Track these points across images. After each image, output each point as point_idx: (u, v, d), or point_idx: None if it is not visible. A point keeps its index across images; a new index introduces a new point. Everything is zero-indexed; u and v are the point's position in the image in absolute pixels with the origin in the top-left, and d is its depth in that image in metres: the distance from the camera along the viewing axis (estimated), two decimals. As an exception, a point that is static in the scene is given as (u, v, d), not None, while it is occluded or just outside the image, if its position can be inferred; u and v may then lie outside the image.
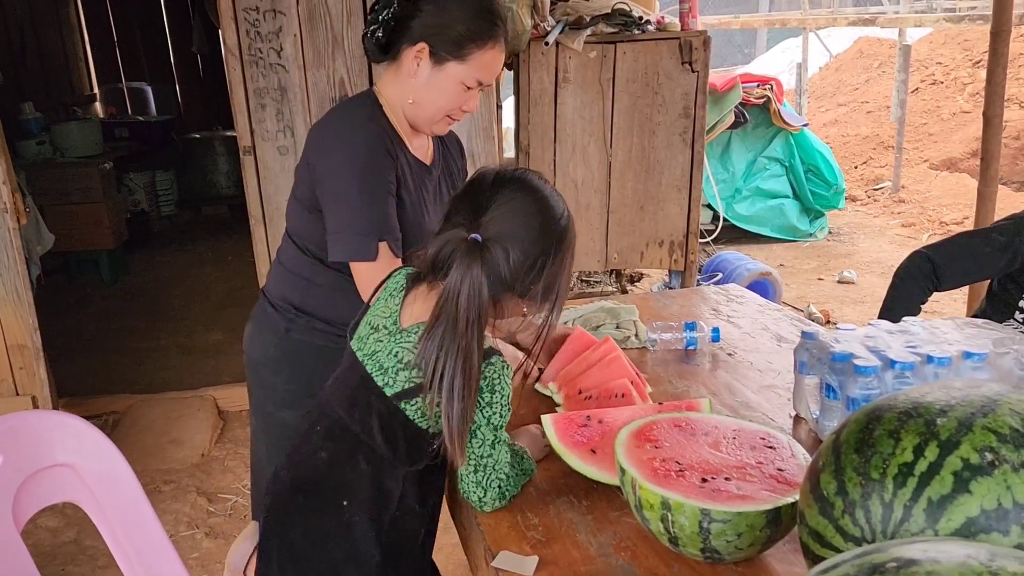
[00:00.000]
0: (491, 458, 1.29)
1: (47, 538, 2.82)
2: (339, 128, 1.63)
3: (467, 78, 1.61)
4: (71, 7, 7.46)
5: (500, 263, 1.25)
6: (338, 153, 1.59)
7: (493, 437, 1.29)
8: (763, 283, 4.64)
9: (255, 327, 1.81)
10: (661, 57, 3.57)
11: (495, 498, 1.31)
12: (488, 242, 1.25)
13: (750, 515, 1.09)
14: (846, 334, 1.53)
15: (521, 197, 1.29)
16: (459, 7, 1.58)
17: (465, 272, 1.22)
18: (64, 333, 4.55)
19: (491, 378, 1.27)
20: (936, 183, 7.51)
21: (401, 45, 1.61)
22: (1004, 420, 0.86)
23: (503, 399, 1.28)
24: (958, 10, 9.37)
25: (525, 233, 1.27)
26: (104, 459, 1.61)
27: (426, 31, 1.58)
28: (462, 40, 1.58)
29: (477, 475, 1.30)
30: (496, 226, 1.26)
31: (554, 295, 1.33)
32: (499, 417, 1.28)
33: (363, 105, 1.67)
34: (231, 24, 3.12)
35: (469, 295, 1.22)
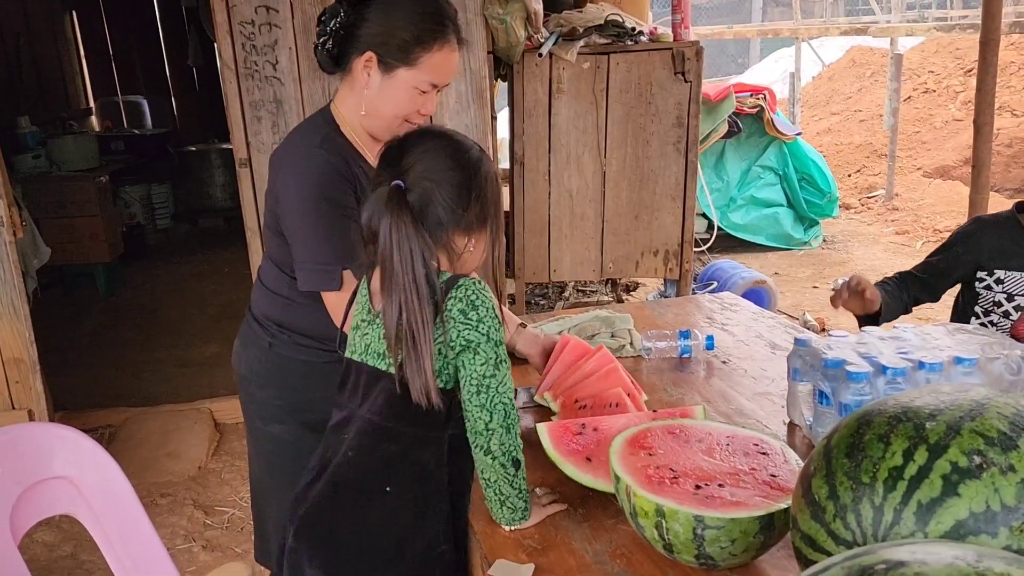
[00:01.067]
0: (494, 378, 1.26)
1: (43, 553, 2.81)
2: (293, 160, 1.61)
3: (419, 82, 1.59)
4: (67, 21, 7.49)
5: (428, 200, 1.29)
6: (294, 187, 1.58)
7: (495, 355, 1.26)
8: (758, 291, 4.66)
9: (241, 343, 1.82)
10: (654, 67, 3.60)
11: (500, 423, 1.26)
12: (411, 184, 1.28)
13: (744, 521, 1.10)
14: (839, 341, 1.54)
15: (430, 140, 1.34)
16: (403, 12, 1.56)
17: (392, 219, 1.24)
18: (60, 346, 4.54)
19: (467, 297, 1.27)
20: (929, 191, 7.54)
21: (351, 56, 1.59)
22: (992, 423, 0.88)
23: (490, 312, 1.27)
24: (949, 19, 9.45)
25: (443, 165, 1.30)
26: (102, 471, 1.62)
27: (372, 40, 1.56)
28: (408, 45, 1.56)
29: (480, 397, 1.26)
30: (416, 170, 1.30)
31: (491, 218, 1.35)
32: (495, 332, 1.27)
33: (316, 129, 1.64)
34: (227, 37, 3.14)
35: (400, 240, 1.24)
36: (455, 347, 1.27)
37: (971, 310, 2.04)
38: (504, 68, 3.68)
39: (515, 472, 1.28)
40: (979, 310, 2.02)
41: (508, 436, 1.27)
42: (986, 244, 2.03)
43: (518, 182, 3.74)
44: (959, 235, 2.11)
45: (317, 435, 1.68)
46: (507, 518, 1.30)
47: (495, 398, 1.26)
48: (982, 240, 2.05)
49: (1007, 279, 1.96)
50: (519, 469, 1.28)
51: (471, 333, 1.26)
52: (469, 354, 1.27)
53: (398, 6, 1.57)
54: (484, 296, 1.28)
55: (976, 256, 2.03)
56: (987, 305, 2.00)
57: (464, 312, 1.26)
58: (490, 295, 1.29)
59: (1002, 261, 1.98)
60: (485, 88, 3.35)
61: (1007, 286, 1.97)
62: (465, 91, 3.33)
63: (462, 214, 1.30)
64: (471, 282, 1.28)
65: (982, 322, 2.01)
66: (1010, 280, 1.96)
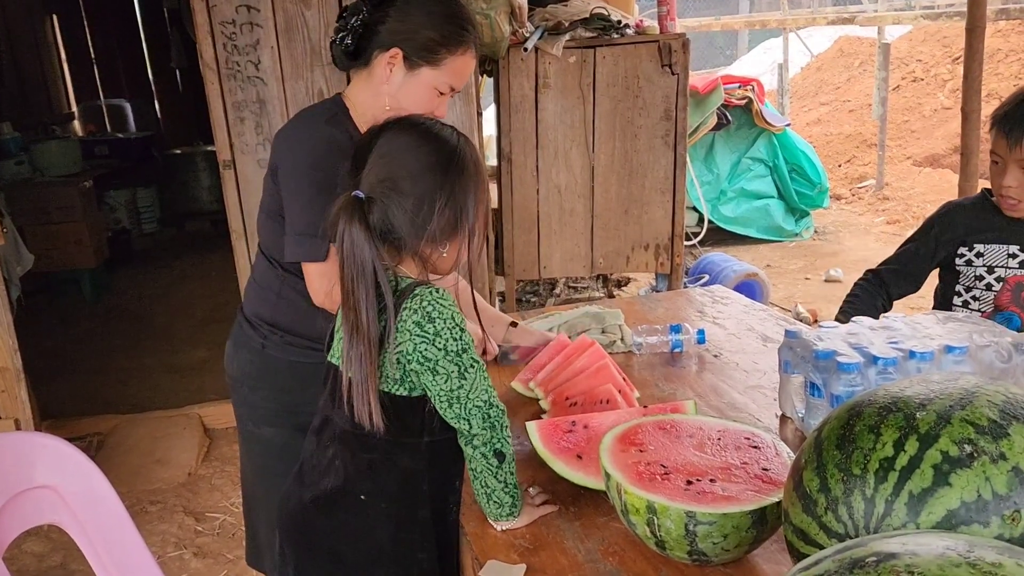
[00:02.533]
0: (462, 389, 1.22)
1: (32, 563, 2.78)
2: (298, 131, 1.64)
3: (440, 84, 1.62)
4: (47, 25, 7.43)
5: (388, 212, 1.23)
6: (295, 155, 1.60)
7: (456, 368, 1.22)
8: (750, 284, 4.65)
9: (233, 345, 1.80)
10: (641, 60, 3.58)
11: (481, 426, 1.23)
12: (370, 194, 1.23)
13: (735, 516, 1.08)
14: (829, 332, 1.53)
15: (400, 137, 1.27)
16: (428, 13, 1.59)
17: (345, 231, 1.21)
18: (46, 354, 4.51)
19: (422, 308, 1.21)
20: (920, 179, 7.56)
21: (372, 51, 1.61)
22: (982, 412, 0.86)
23: (448, 323, 1.21)
24: (936, 7, 9.46)
25: (408, 171, 1.24)
26: (86, 480, 1.59)
27: (397, 36, 1.58)
28: (435, 46, 1.59)
29: (454, 408, 1.23)
30: (376, 175, 1.24)
31: (465, 225, 1.28)
32: (455, 343, 1.22)
33: (324, 110, 1.67)
34: (207, 38, 3.10)
35: (349, 253, 1.20)
36: (412, 361, 1.23)
37: (951, 291, 2.04)
38: (490, 64, 3.66)
39: (499, 464, 1.25)
40: (960, 288, 2.02)
41: (493, 432, 1.25)
42: (961, 222, 2.03)
43: (506, 179, 3.72)
44: (933, 219, 2.11)
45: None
46: (494, 513, 1.28)
47: (468, 405, 1.23)
48: (956, 218, 2.05)
49: (987, 252, 1.98)
50: (503, 462, 1.25)
51: (428, 349, 1.21)
52: (429, 374, 1.23)
53: (425, 6, 1.60)
54: (441, 306, 1.22)
55: (954, 233, 2.03)
56: (968, 282, 2.00)
57: (420, 324, 1.21)
58: (449, 303, 1.23)
59: (979, 235, 1.99)
60: (471, 84, 3.33)
61: (987, 259, 1.98)
62: (450, 88, 3.31)
63: (425, 226, 1.24)
64: (428, 291, 1.23)
65: (964, 299, 2.00)
66: (989, 253, 1.97)
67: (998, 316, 1.89)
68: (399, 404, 1.27)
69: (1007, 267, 1.95)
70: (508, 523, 1.28)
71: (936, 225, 2.07)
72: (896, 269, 2.11)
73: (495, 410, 1.25)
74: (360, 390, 1.22)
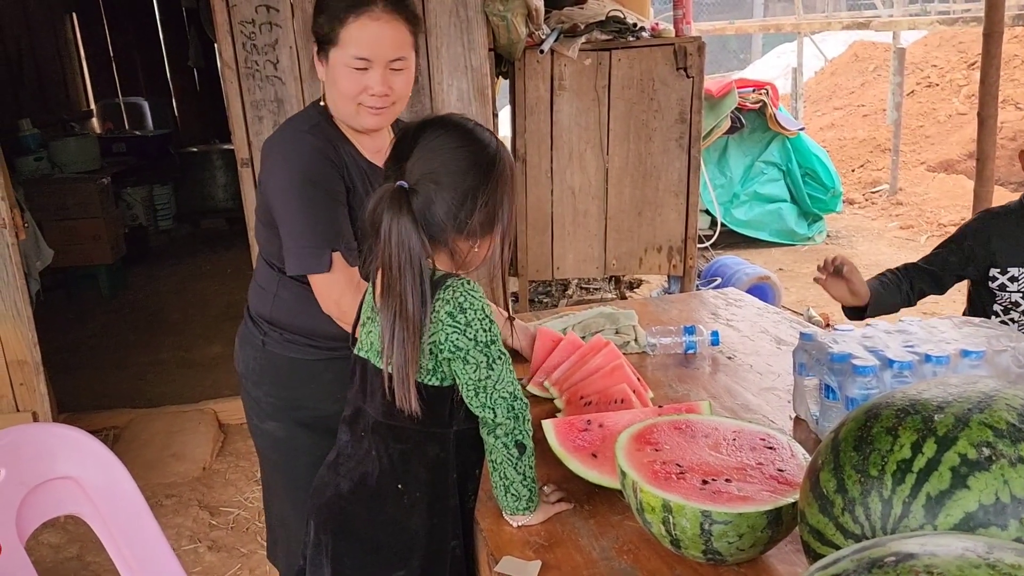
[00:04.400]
0: (489, 379, 1.26)
1: (49, 554, 2.82)
2: (281, 145, 1.62)
3: (347, 59, 1.55)
4: (67, 23, 7.50)
5: (431, 204, 1.26)
6: (280, 170, 1.60)
7: (486, 357, 1.25)
8: (762, 287, 4.65)
9: (239, 342, 1.84)
10: (656, 63, 3.58)
11: (505, 415, 1.26)
12: (414, 186, 1.26)
13: (751, 516, 1.09)
14: (844, 335, 1.53)
15: (443, 135, 1.29)
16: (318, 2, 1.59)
17: (392, 220, 1.23)
18: (64, 348, 4.55)
19: (454, 299, 1.25)
20: (933, 185, 7.52)
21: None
22: (1000, 415, 0.87)
23: (479, 314, 1.25)
24: (952, 13, 9.41)
25: (452, 168, 1.27)
26: (107, 471, 1.62)
27: (314, 33, 1.60)
28: (324, 27, 1.57)
29: (480, 397, 1.26)
30: (420, 168, 1.26)
31: (499, 225, 1.32)
32: (484, 333, 1.25)
33: (306, 118, 1.67)
34: (227, 37, 3.13)
35: (398, 242, 1.22)
36: (444, 351, 1.26)
37: (990, 309, 2.01)
38: (505, 65, 3.67)
39: (519, 455, 1.27)
40: (998, 308, 1.99)
41: (516, 423, 1.27)
42: (996, 240, 1.98)
43: (520, 180, 3.73)
44: (969, 230, 2.06)
45: (309, 432, 1.71)
46: (511, 506, 1.29)
47: (494, 395, 1.26)
48: (992, 236, 2.00)
49: (1021, 276, 1.93)
50: (524, 453, 1.28)
51: (460, 339, 1.25)
52: (459, 362, 1.26)
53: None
54: (473, 297, 1.26)
55: (988, 253, 1.99)
56: (1005, 304, 1.97)
57: (452, 315, 1.25)
58: (479, 295, 1.27)
59: (1015, 257, 1.95)
60: (486, 86, 3.35)
61: (1022, 284, 1.94)
62: (467, 89, 3.33)
63: (466, 220, 1.27)
64: (460, 283, 1.27)
65: (1003, 320, 1.98)
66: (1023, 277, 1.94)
67: None
68: (431, 394, 1.30)
69: None
70: (524, 518, 1.30)
71: (970, 237, 2.03)
72: (929, 270, 2.10)
73: (519, 402, 1.28)
74: (401, 375, 1.25)
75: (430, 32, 3.20)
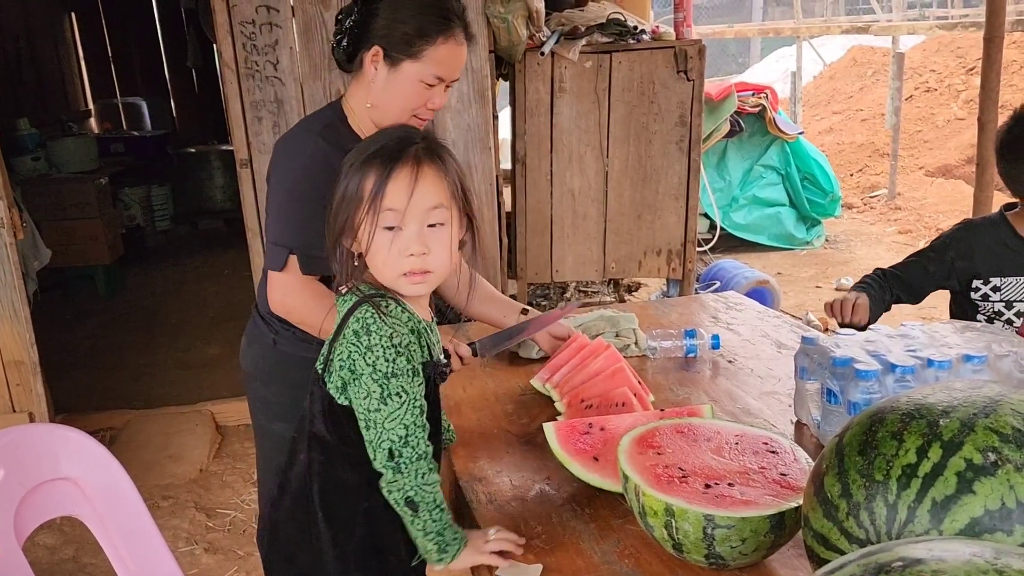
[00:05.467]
0: (379, 413, 1.17)
1: (45, 556, 2.80)
2: (289, 144, 1.64)
3: (424, 75, 1.59)
4: (66, 23, 7.49)
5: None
6: (279, 167, 1.63)
7: (380, 389, 1.17)
8: (761, 291, 4.65)
9: (247, 340, 1.83)
10: (656, 66, 3.59)
11: (385, 463, 1.18)
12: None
13: (754, 520, 1.09)
14: (846, 339, 1.53)
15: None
16: (408, 6, 1.58)
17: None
18: (61, 349, 4.53)
19: (364, 319, 1.18)
20: (932, 190, 7.53)
21: (360, 51, 1.61)
22: (1006, 420, 0.87)
23: (384, 341, 1.17)
24: (950, 18, 9.43)
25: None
26: (106, 472, 1.61)
27: (378, 33, 1.58)
28: (411, 38, 1.57)
29: (368, 432, 1.19)
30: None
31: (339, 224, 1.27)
32: (386, 364, 1.17)
33: (321, 118, 1.67)
34: (227, 38, 3.13)
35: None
36: (343, 368, 1.21)
37: (974, 319, 2.01)
38: (506, 67, 3.67)
39: (413, 513, 1.19)
40: (981, 318, 1.99)
41: (399, 475, 1.18)
42: (979, 251, 1.98)
43: (520, 182, 3.73)
44: (950, 240, 2.05)
45: None
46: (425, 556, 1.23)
47: (381, 435, 1.18)
48: (975, 247, 2.00)
49: (1004, 286, 1.93)
50: (418, 512, 1.19)
51: (358, 361, 1.18)
52: (354, 386, 1.20)
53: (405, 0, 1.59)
54: (381, 321, 1.18)
55: (971, 264, 1.98)
56: (989, 314, 1.97)
57: (357, 333, 1.19)
58: (391, 320, 1.19)
59: (997, 268, 1.95)
60: (487, 87, 3.34)
61: (1004, 293, 1.94)
62: (467, 90, 3.32)
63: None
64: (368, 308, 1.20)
65: None
66: (1007, 287, 1.93)
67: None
68: (343, 412, 1.24)
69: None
70: (440, 566, 1.23)
71: (952, 248, 2.02)
72: (903, 280, 2.10)
73: (408, 450, 1.17)
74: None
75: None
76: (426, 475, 1.19)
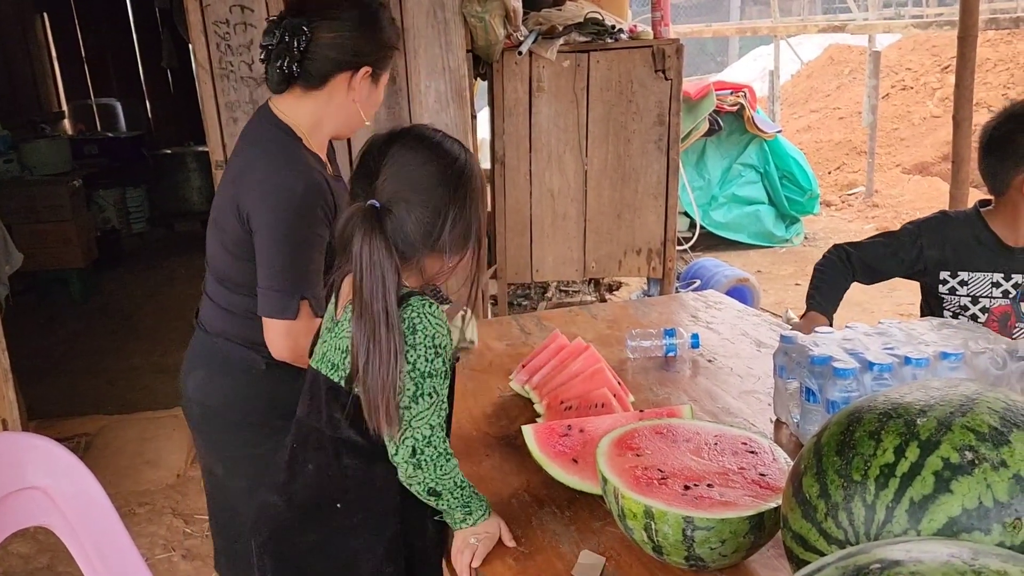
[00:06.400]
0: (409, 411, 1.20)
1: (19, 565, 2.75)
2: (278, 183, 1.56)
3: (385, 79, 1.69)
4: (38, 23, 7.38)
5: (403, 223, 1.23)
6: (272, 212, 1.54)
7: (414, 388, 1.20)
8: (741, 289, 4.66)
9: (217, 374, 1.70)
10: (634, 65, 3.58)
11: (406, 458, 1.22)
12: (386, 205, 1.22)
13: (733, 521, 1.08)
14: (824, 337, 1.53)
15: (411, 151, 1.26)
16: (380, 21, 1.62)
17: (363, 240, 1.19)
18: (34, 354, 4.46)
19: (409, 318, 1.21)
20: (909, 187, 7.60)
21: (330, 73, 1.59)
22: (982, 419, 0.86)
23: (428, 341, 1.20)
24: (925, 16, 9.53)
25: (422, 185, 1.24)
26: (76, 481, 1.58)
27: (361, 55, 1.59)
28: (387, 50, 1.65)
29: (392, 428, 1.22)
30: (391, 186, 1.23)
31: (472, 240, 1.29)
32: (424, 362, 1.20)
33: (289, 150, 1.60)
34: (201, 38, 3.09)
35: (370, 264, 1.19)
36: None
37: (938, 314, 2.00)
38: (483, 67, 3.65)
39: (437, 499, 1.24)
40: (947, 314, 1.99)
41: (419, 471, 1.22)
42: (950, 243, 1.97)
43: (499, 182, 3.71)
44: (924, 228, 2.02)
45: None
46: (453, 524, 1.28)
47: (406, 432, 1.21)
48: (947, 238, 1.98)
49: (971, 281, 1.93)
50: (441, 496, 1.24)
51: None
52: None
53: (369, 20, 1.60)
54: (427, 321, 1.21)
55: (940, 253, 1.96)
56: (954, 309, 1.96)
57: (402, 333, 1.20)
58: (436, 321, 1.22)
59: (966, 262, 1.94)
60: (465, 87, 3.33)
61: (971, 288, 1.93)
62: (444, 90, 3.31)
63: (439, 237, 1.24)
64: (421, 303, 1.22)
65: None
66: (974, 282, 1.93)
67: None
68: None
69: (991, 296, 1.93)
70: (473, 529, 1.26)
71: (925, 236, 2.00)
72: (865, 261, 2.05)
73: (431, 450, 1.22)
74: (374, 398, 1.19)
75: (407, 33, 3.17)
76: (444, 466, 1.23)
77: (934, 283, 2.00)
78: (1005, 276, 1.91)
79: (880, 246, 2.06)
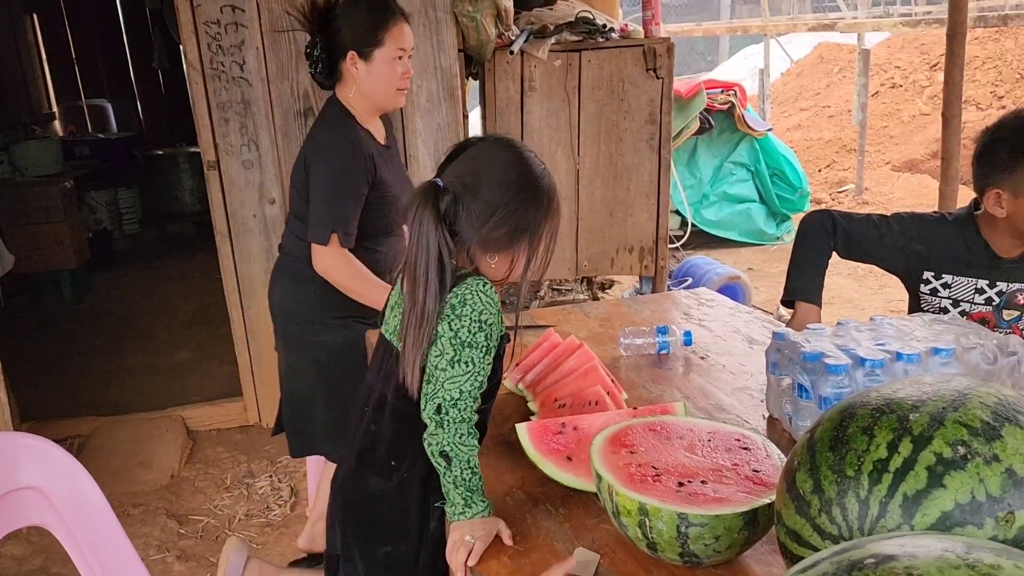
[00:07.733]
0: (443, 372, 1.29)
1: (12, 567, 2.75)
2: (330, 142, 2.07)
3: (392, 52, 2.06)
4: (28, 24, 7.34)
5: (456, 204, 1.32)
6: (325, 161, 2.05)
7: (453, 353, 1.29)
8: (733, 287, 4.68)
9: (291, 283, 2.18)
10: (626, 64, 3.59)
11: (431, 415, 1.30)
12: (448, 186, 1.32)
13: (727, 518, 1.09)
14: (816, 333, 1.54)
15: (491, 148, 1.38)
16: (358, 11, 2.04)
17: (419, 210, 1.30)
18: (26, 355, 4.44)
19: (462, 293, 1.30)
20: (898, 184, 7.64)
21: (338, 64, 2.07)
22: (975, 413, 0.87)
23: (473, 315, 1.29)
24: (914, 15, 9.57)
25: (485, 178, 1.33)
26: (72, 481, 1.57)
27: (347, 42, 2.04)
28: (372, 32, 2.03)
29: (427, 385, 1.31)
30: (459, 171, 1.34)
31: (518, 246, 1.36)
32: (467, 333, 1.29)
33: (348, 124, 2.08)
34: (192, 38, 3.08)
35: (419, 234, 1.29)
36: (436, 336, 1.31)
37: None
38: (475, 66, 3.65)
39: (446, 466, 1.29)
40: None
41: (440, 430, 1.29)
42: (938, 242, 1.94)
43: (492, 181, 3.71)
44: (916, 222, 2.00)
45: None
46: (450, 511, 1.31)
47: (437, 391, 1.29)
48: (936, 237, 1.95)
49: (954, 284, 1.91)
50: (451, 465, 1.29)
51: (444, 325, 1.30)
52: (434, 345, 1.31)
53: (351, 11, 2.04)
54: (478, 297, 1.29)
55: (928, 250, 1.94)
56: (933, 311, 1.94)
57: (453, 307, 1.30)
58: (487, 299, 1.30)
59: (951, 265, 1.91)
60: (456, 87, 3.33)
61: (953, 291, 1.91)
62: (436, 90, 3.31)
63: (483, 232, 1.33)
64: (475, 281, 1.31)
65: None
66: (957, 286, 1.91)
67: None
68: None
69: (972, 302, 1.91)
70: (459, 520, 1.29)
71: (915, 229, 1.98)
72: (851, 236, 2.01)
73: (455, 411, 1.28)
74: (409, 358, 1.31)
75: (399, 33, 3.17)
76: (464, 436, 1.29)
77: (916, 282, 1.98)
78: (990, 284, 1.90)
79: (870, 226, 2.02)
